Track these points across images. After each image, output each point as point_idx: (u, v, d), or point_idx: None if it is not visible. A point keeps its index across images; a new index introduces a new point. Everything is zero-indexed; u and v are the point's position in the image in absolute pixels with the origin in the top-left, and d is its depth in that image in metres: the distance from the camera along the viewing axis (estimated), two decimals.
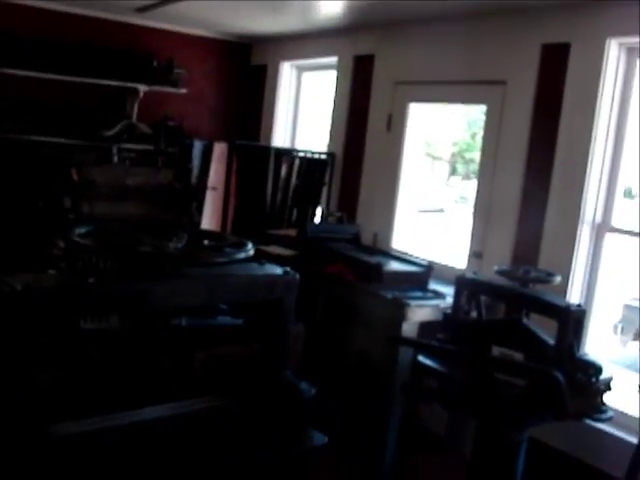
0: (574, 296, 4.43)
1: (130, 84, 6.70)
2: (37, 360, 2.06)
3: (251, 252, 2.42)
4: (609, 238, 4.45)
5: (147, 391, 2.30)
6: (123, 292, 2.15)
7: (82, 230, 2.41)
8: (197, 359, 2.37)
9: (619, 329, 7.09)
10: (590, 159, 4.35)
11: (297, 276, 2.52)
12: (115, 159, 5.16)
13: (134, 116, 6.75)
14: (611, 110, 4.35)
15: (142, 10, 6.32)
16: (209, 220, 6.69)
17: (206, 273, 2.33)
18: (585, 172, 4.37)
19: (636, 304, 6.72)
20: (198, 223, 4.97)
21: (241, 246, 2.44)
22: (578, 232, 4.42)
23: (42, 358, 2.09)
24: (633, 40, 4.23)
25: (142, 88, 6.71)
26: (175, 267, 2.29)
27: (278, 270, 2.54)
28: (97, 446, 2.17)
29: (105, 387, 2.25)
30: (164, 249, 2.30)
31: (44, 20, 6.48)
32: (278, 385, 2.47)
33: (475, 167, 5.58)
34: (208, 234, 2.84)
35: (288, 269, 2.53)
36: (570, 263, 4.43)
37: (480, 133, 5.39)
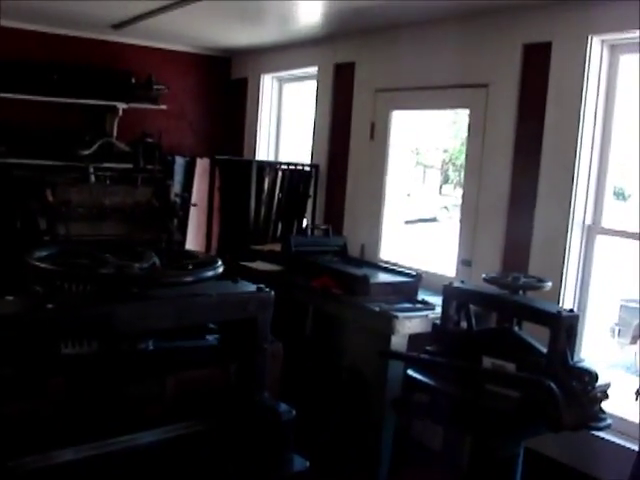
0: (567, 301, 4.32)
1: (109, 102, 6.62)
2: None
3: (220, 269, 2.30)
4: (600, 240, 4.34)
5: (115, 419, 2.18)
6: (83, 317, 2.03)
7: (43, 253, 2.29)
8: (168, 384, 2.24)
9: (616, 332, 6.99)
10: (577, 159, 4.25)
11: (272, 293, 2.41)
12: (92, 178, 5.02)
13: (114, 134, 6.66)
14: (596, 108, 4.25)
15: (118, 27, 6.23)
16: (194, 238, 6.57)
17: (174, 293, 2.21)
18: (573, 173, 4.27)
19: (632, 304, 6.63)
20: (180, 241, 4.83)
21: (210, 264, 2.32)
22: (568, 235, 4.31)
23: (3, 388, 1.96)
24: (616, 37, 4.15)
25: (121, 106, 6.63)
26: (141, 289, 2.17)
27: (251, 287, 2.42)
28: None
29: (73, 415, 2.13)
30: (128, 270, 2.18)
31: (18, 40, 6.38)
32: (254, 408, 2.35)
33: None
34: (178, 252, 2.74)
35: (262, 286, 2.42)
36: (561, 267, 4.32)
37: None
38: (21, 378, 2.09)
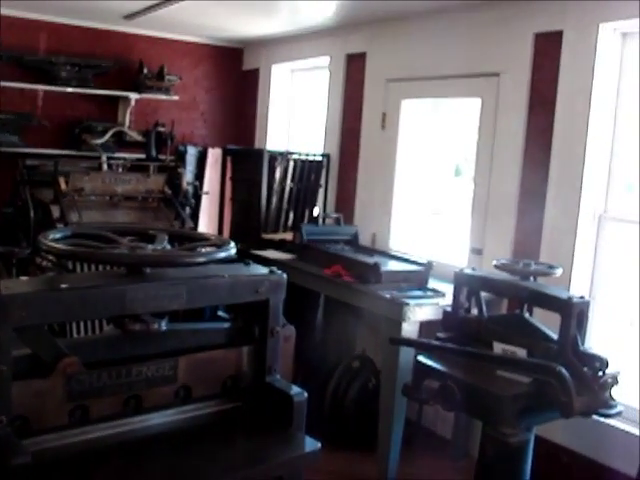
0: (578, 288, 4.31)
1: (121, 92, 6.66)
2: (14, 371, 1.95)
3: (233, 251, 2.30)
4: (609, 228, 4.34)
5: (128, 400, 2.20)
6: (96, 297, 2.04)
7: (57, 235, 2.31)
8: (180, 365, 2.26)
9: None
10: (587, 148, 4.24)
11: (284, 276, 2.42)
12: (105, 167, 5.06)
13: (126, 124, 6.71)
14: (607, 97, 4.24)
15: (130, 17, 6.24)
16: (206, 226, 6.60)
17: (186, 274, 2.22)
18: (583, 162, 4.26)
19: None
20: (192, 229, 4.87)
21: (222, 245, 2.34)
22: (579, 223, 4.30)
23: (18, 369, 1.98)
24: (628, 24, 4.13)
25: (133, 96, 6.67)
26: (153, 269, 2.19)
27: (263, 270, 2.43)
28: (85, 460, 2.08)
29: (87, 395, 2.15)
30: (141, 251, 2.20)
31: (31, 31, 6.43)
32: (266, 389, 2.37)
33: None
34: (190, 235, 2.75)
35: (274, 269, 2.43)
36: (572, 255, 4.31)
37: None
38: (36, 358, 2.11)
